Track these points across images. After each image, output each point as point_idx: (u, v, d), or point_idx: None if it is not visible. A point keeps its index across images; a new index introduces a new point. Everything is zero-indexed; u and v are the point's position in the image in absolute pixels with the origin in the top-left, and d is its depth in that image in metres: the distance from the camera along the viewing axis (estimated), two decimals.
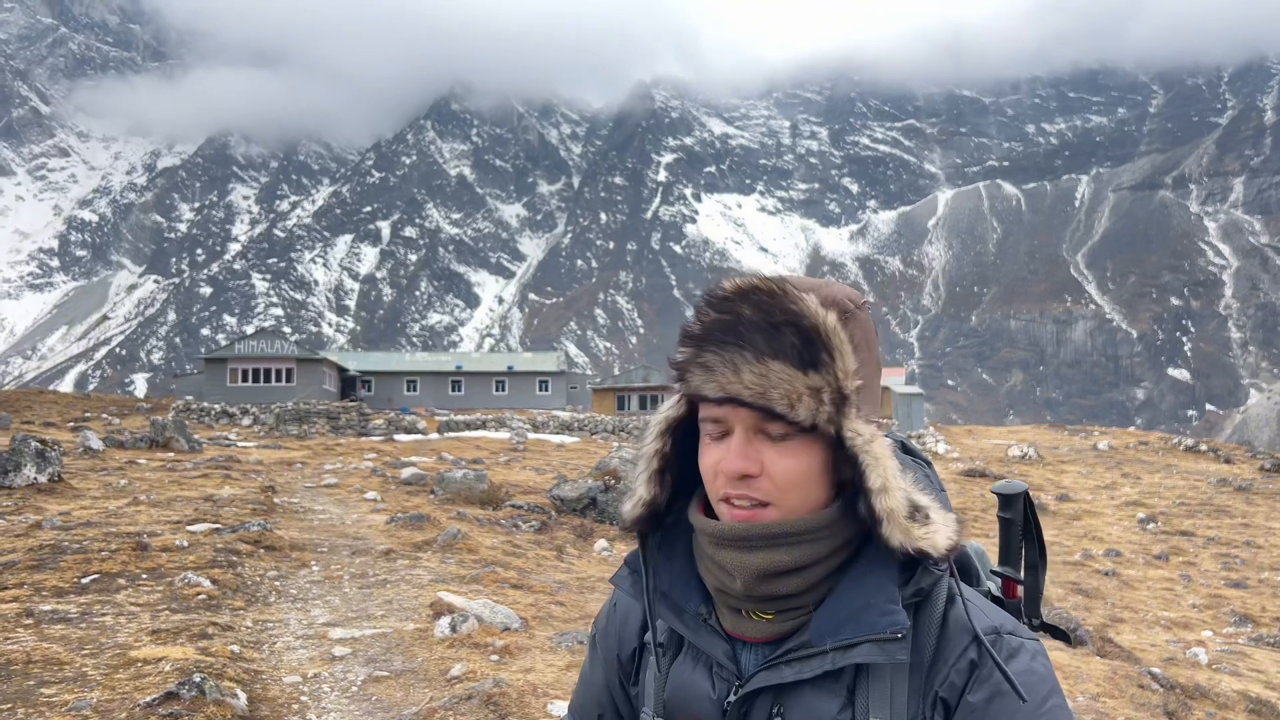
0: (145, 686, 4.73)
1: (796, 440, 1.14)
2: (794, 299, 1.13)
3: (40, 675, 4.86)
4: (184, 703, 4.46)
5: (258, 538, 8.41)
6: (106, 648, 5.36)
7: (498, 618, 6.33)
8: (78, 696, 4.55)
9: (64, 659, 5.11)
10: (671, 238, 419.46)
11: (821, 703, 1.16)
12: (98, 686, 4.73)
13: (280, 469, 17.28)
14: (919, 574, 1.18)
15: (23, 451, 11.63)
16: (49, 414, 35.80)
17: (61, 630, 5.65)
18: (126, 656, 5.18)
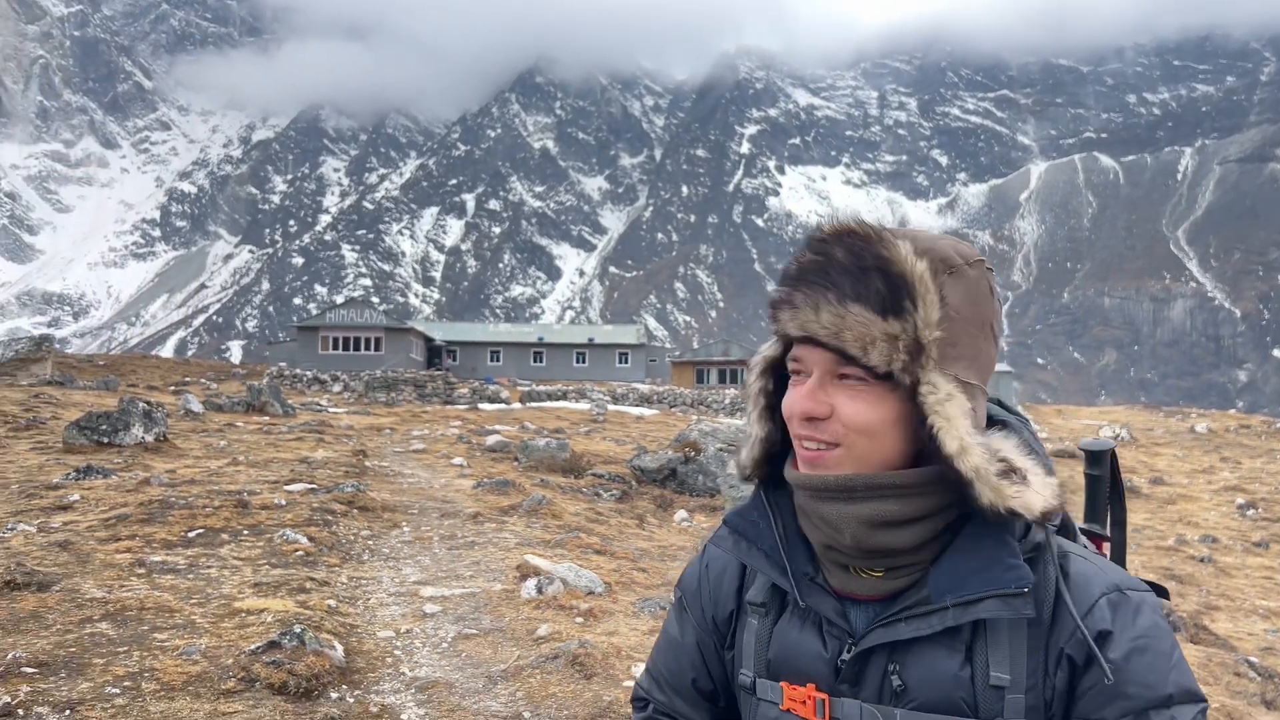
0: (249, 635, 4.95)
1: (870, 386, 1.13)
2: (887, 245, 1.13)
3: (153, 621, 5.12)
4: (285, 651, 4.66)
5: (351, 498, 8.68)
6: (212, 598, 5.62)
7: (582, 581, 6.44)
8: (187, 642, 4.80)
9: (174, 607, 5.37)
10: (753, 211, 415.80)
11: (940, 660, 1.15)
12: (206, 634, 4.98)
13: (370, 434, 17.76)
14: (1032, 532, 1.17)
15: (131, 412, 12.19)
16: (151, 378, 37.41)
17: (171, 580, 5.93)
18: (231, 607, 5.43)
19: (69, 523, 7.35)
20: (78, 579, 5.78)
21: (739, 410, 41.80)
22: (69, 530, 7.06)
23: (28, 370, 24.48)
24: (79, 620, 5.05)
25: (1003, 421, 1.23)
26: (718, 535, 1.34)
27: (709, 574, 1.40)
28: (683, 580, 1.46)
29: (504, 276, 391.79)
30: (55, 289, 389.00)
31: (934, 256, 1.15)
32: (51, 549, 6.45)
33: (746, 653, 1.30)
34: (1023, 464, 1.14)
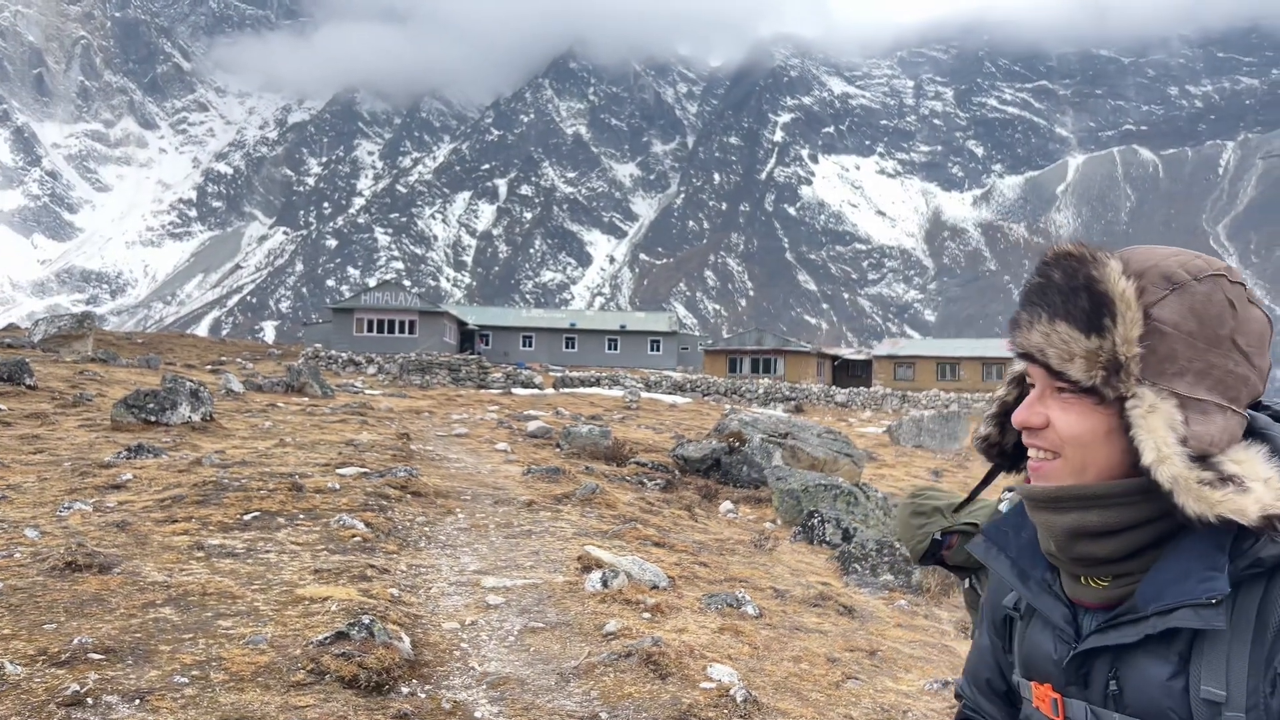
0: (315, 625, 4.82)
1: (1080, 399, 1.19)
2: (1098, 265, 1.18)
3: (216, 608, 5.00)
4: (354, 643, 4.51)
5: (404, 483, 8.56)
6: (274, 584, 5.50)
7: (646, 575, 6.27)
8: (253, 630, 4.67)
9: (236, 593, 5.25)
10: (786, 199, 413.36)
11: (1153, 667, 1.17)
12: (270, 622, 4.84)
13: (410, 417, 17.70)
14: (1259, 544, 1.14)
15: (178, 391, 12.16)
16: (188, 356, 37.67)
17: (230, 565, 5.82)
18: (294, 594, 5.30)
19: (124, 502, 7.27)
20: (138, 561, 5.68)
21: (773, 400, 41.48)
22: (125, 510, 6.98)
23: (70, 347, 24.67)
24: (142, 604, 4.93)
25: (1262, 433, 1.21)
26: (975, 544, 1.43)
27: (993, 580, 1.47)
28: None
29: (535, 262, 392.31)
30: (94, 267, 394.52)
31: (1153, 274, 1.18)
32: (109, 529, 6.36)
33: (1015, 653, 1.39)
34: (1252, 471, 1.13)
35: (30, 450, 9.59)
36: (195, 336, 62.40)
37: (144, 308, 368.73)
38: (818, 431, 17.03)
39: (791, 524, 10.33)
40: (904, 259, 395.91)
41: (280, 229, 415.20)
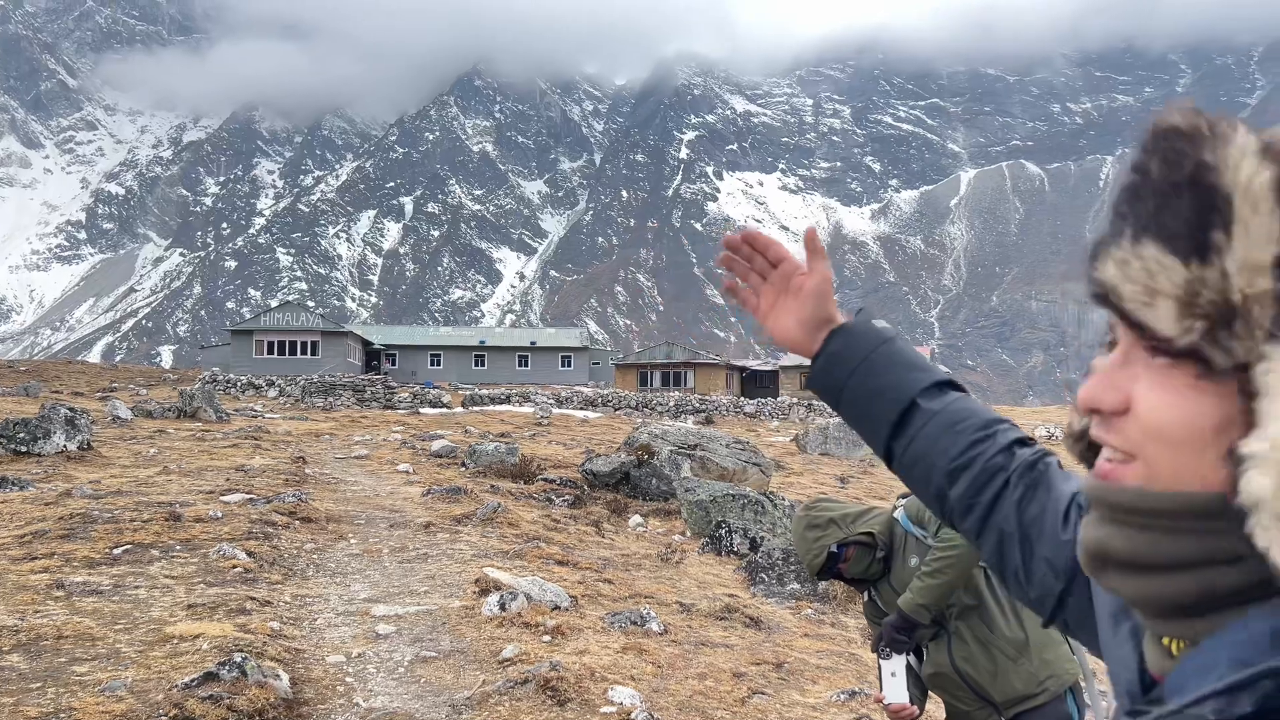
0: (183, 665, 4.45)
1: (1181, 368, 0.71)
2: (1213, 143, 0.70)
3: (72, 651, 4.59)
4: (224, 684, 4.17)
5: (293, 509, 8.14)
6: (141, 623, 5.09)
7: (547, 595, 6.02)
8: (112, 675, 4.28)
9: (97, 634, 4.84)
10: (692, 215, 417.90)
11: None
12: (133, 665, 4.46)
13: (309, 440, 17.08)
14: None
15: (52, 419, 11.43)
16: (77, 384, 35.86)
17: (94, 603, 5.38)
18: (162, 633, 4.91)
19: None
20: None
21: (683, 413, 41.56)
22: None
23: None
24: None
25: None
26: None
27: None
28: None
29: (443, 280, 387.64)
30: None
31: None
32: None
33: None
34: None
35: None
36: (85, 363, 59.56)
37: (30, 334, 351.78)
38: (726, 442, 17.01)
39: (700, 535, 10.20)
40: None
41: (176, 250, 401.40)
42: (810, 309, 1.27)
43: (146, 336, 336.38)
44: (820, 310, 1.27)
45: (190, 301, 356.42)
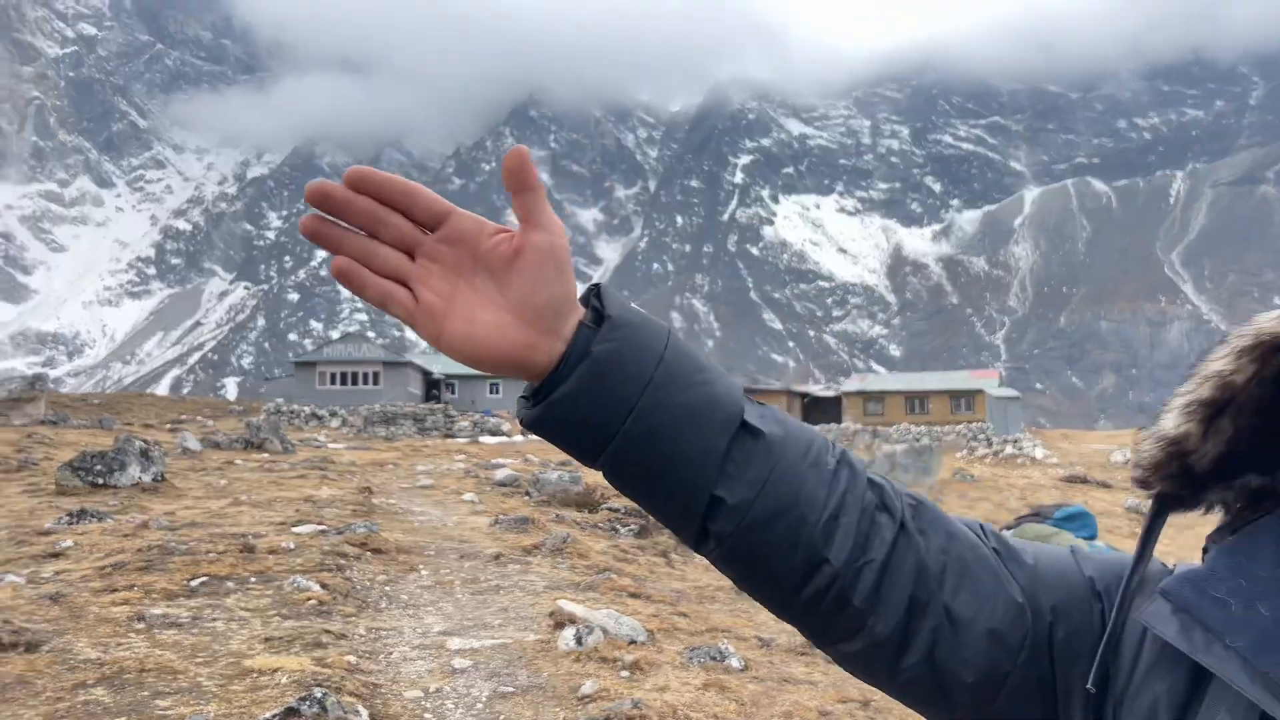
0: (263, 700, 4.41)
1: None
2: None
3: (154, 685, 4.57)
4: (305, 719, 4.12)
5: (364, 540, 8.14)
6: (220, 655, 5.07)
7: (623, 629, 5.90)
8: (194, 710, 4.25)
9: (177, 668, 4.83)
10: (748, 240, 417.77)
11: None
12: (214, 699, 4.43)
13: (373, 470, 17.21)
14: None
15: (128, 451, 11.64)
16: (147, 416, 36.77)
17: (174, 636, 5.39)
18: (241, 666, 4.89)
19: (61, 572, 6.79)
20: (70, 636, 5.23)
21: None
22: (61, 580, 6.51)
23: (21, 410, 23.91)
24: (71, 685, 4.50)
25: None
26: (1153, 611, 0.78)
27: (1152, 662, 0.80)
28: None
29: None
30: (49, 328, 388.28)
31: None
32: (42, 602, 5.89)
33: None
34: None
35: None
36: (154, 396, 61.19)
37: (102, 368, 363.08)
38: None
39: None
40: (867, 295, 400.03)
41: (241, 284, 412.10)
42: (535, 289, 0.77)
43: (212, 369, 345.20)
44: (555, 290, 0.78)
45: (254, 334, 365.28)
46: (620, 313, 0.79)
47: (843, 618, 0.81)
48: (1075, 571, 0.86)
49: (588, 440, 0.79)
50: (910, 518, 0.84)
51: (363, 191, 0.77)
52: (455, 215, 0.79)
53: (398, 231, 0.78)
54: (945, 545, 0.84)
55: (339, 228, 0.78)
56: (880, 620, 0.81)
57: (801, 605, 0.83)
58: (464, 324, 0.78)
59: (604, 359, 0.77)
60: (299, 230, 0.81)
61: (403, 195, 0.77)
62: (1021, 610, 0.82)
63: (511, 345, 0.78)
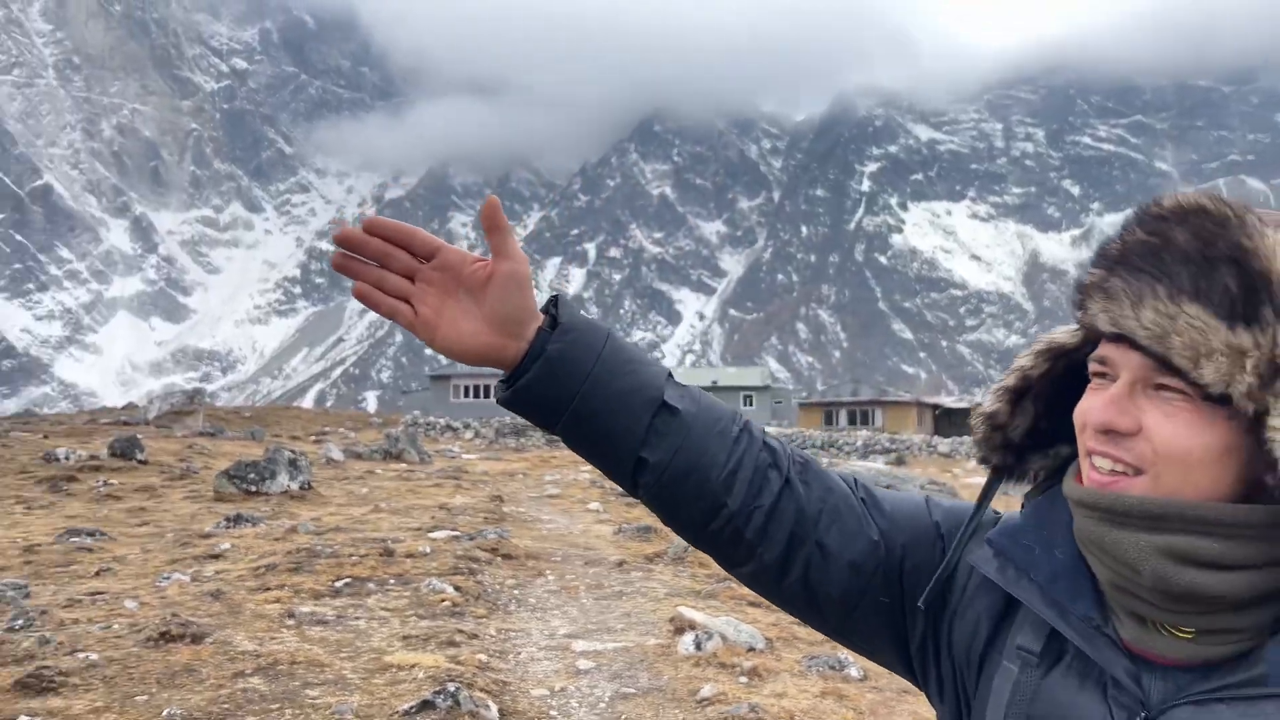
0: (401, 693, 4.71)
1: (1195, 405, 0.89)
2: (1250, 232, 0.87)
3: (304, 677, 4.94)
4: (440, 712, 4.38)
5: (494, 546, 8.49)
6: (362, 651, 5.42)
7: (742, 637, 6.00)
8: (340, 700, 4.58)
9: (324, 661, 5.19)
10: (876, 249, 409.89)
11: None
12: (357, 690, 4.75)
13: (504, 479, 17.75)
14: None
15: (277, 461, 12.41)
16: (294, 428, 38.79)
17: (320, 632, 5.78)
18: (381, 661, 5.21)
19: (220, 571, 7.35)
20: (230, 630, 5.68)
21: (872, 452, 40.51)
22: (220, 579, 7.05)
23: (182, 422, 25.62)
24: (232, 674, 4.90)
25: None
26: (980, 556, 1.07)
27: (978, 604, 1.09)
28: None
29: (625, 322, 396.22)
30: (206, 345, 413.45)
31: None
32: (205, 599, 6.41)
33: (996, 701, 1.03)
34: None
35: (136, 523, 9.85)
36: (300, 409, 64.49)
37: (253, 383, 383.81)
38: (920, 483, 16.48)
39: None
40: (1003, 303, 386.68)
41: None
42: (503, 304, 1.06)
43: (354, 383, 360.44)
44: (517, 304, 1.06)
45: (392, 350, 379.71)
46: (570, 319, 1.07)
47: (738, 548, 1.09)
48: (925, 517, 1.13)
49: (545, 416, 1.07)
50: (796, 474, 1.10)
51: (375, 235, 1.05)
52: (444, 249, 1.06)
53: (401, 263, 1.05)
54: (823, 495, 1.10)
55: (358, 261, 1.05)
56: (767, 551, 1.08)
57: (708, 538, 1.11)
58: (451, 330, 1.06)
59: (554, 357, 1.04)
60: (331, 263, 1.09)
61: (405, 236, 1.05)
62: (876, 546, 1.09)
63: (486, 346, 1.05)
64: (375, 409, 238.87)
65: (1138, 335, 0.89)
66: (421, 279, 1.06)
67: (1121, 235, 0.95)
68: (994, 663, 1.05)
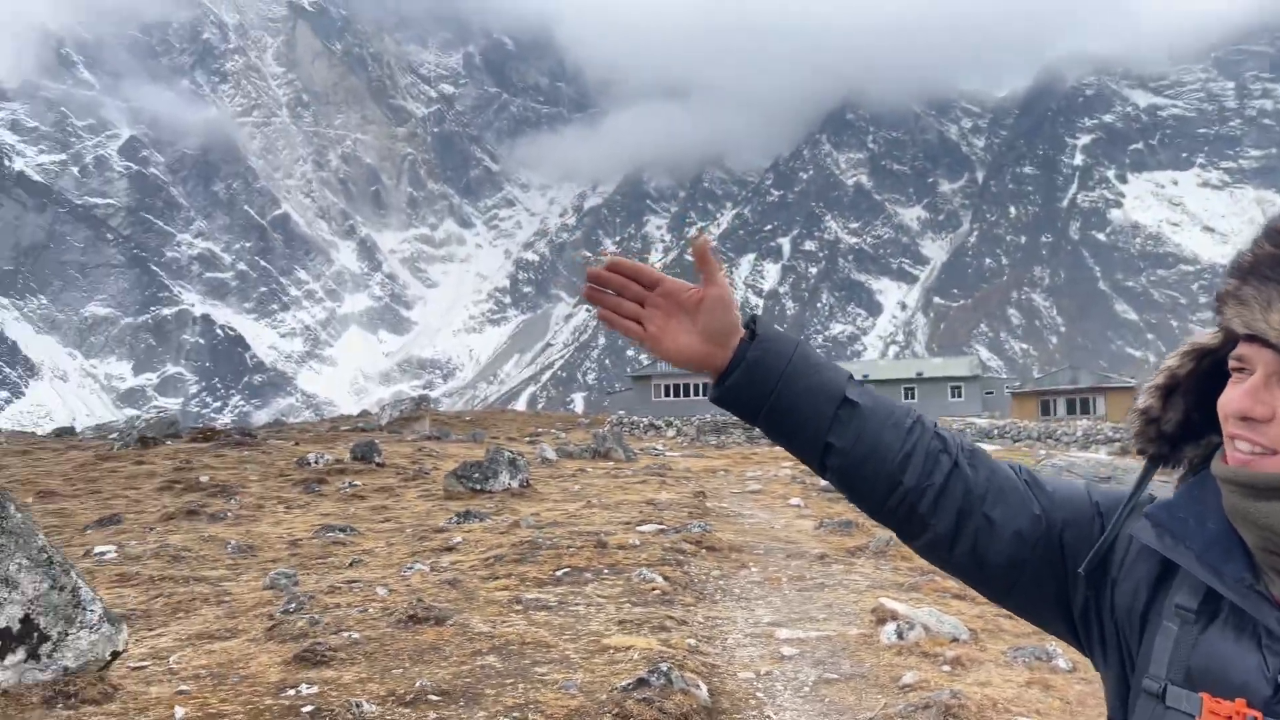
0: (619, 672, 5.14)
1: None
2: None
3: (533, 656, 5.47)
4: (654, 689, 4.77)
5: (699, 539, 8.87)
6: (582, 634, 5.92)
7: (944, 628, 6.08)
8: (564, 677, 5.06)
9: (549, 642, 5.72)
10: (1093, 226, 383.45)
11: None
12: (579, 669, 5.23)
13: (706, 476, 18.18)
14: None
15: (498, 461, 13.35)
16: (509, 430, 40.91)
17: (544, 617, 6.33)
18: (600, 643, 5.68)
19: (455, 562, 8.12)
20: (466, 614, 6.33)
21: (1093, 442, 38.21)
22: (455, 569, 7.79)
23: (410, 427, 27.69)
24: (470, 653, 5.51)
25: None
26: (1139, 527, 1.21)
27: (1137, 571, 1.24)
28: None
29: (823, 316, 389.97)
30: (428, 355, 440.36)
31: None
32: (443, 586, 7.13)
33: (1159, 656, 1.16)
34: None
35: (380, 519, 10.93)
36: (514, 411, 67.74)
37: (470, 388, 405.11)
38: None
39: None
40: None
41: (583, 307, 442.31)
42: (713, 321, 1.30)
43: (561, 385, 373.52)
44: (724, 321, 1.30)
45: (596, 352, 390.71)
46: (765, 332, 1.31)
47: (913, 521, 1.28)
48: (1084, 497, 1.30)
49: (748, 410, 1.30)
50: (964, 459, 1.29)
51: (614, 271, 1.35)
52: (666, 280, 1.34)
53: (634, 291, 1.35)
54: (989, 476, 1.28)
55: (603, 292, 1.36)
56: (940, 522, 1.26)
57: (887, 512, 1.29)
58: (672, 343, 1.32)
59: (753, 362, 1.28)
60: (583, 293, 1.43)
61: (636, 271, 1.35)
62: (1038, 520, 1.26)
63: (700, 355, 1.31)
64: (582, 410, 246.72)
65: (1269, 336, 1.05)
66: (649, 303, 1.33)
67: (1252, 249, 1.12)
68: (1154, 624, 1.18)
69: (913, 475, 1.26)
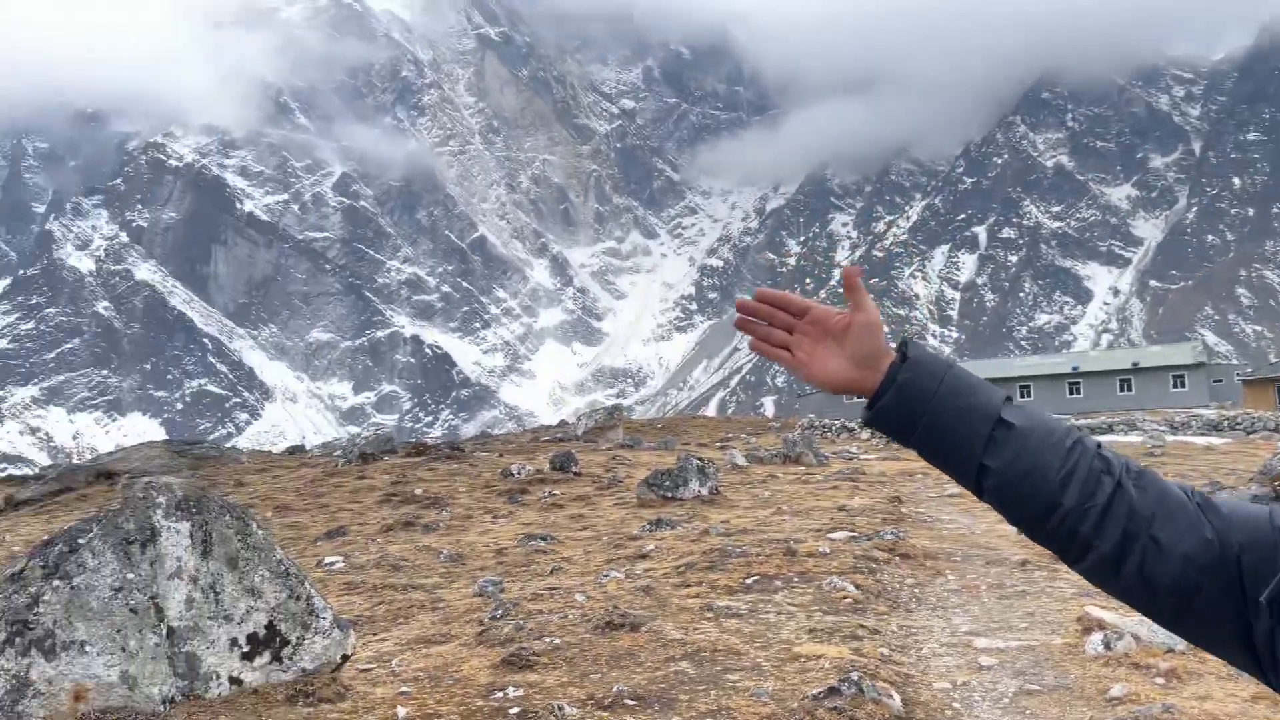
0: (809, 680, 5.18)
1: None
2: None
3: (724, 662, 5.60)
4: (845, 698, 4.79)
5: (892, 546, 8.73)
6: (773, 642, 5.99)
7: (1158, 637, 5.74)
8: (755, 684, 5.16)
9: (740, 650, 5.82)
10: None
11: None
12: (770, 676, 5.31)
13: (903, 479, 17.74)
14: None
15: (688, 469, 13.58)
16: (700, 435, 41.23)
17: (735, 624, 6.44)
18: (790, 651, 5.74)
19: (648, 569, 8.36)
20: (659, 621, 6.53)
21: None
22: (649, 576, 8.03)
23: (604, 436, 28.47)
24: (664, 659, 5.69)
25: None
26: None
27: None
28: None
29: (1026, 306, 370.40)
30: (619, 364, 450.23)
31: None
32: (637, 594, 7.37)
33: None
34: None
35: (577, 528, 11.37)
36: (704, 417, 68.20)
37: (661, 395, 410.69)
38: None
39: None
40: None
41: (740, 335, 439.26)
42: (861, 346, 1.33)
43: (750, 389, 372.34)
44: (872, 345, 1.33)
45: None
46: (916, 355, 1.32)
47: (1074, 542, 1.25)
48: (1265, 520, 1.22)
49: (900, 432, 1.31)
50: (1129, 480, 1.25)
51: (764, 302, 1.40)
52: (813, 308, 1.38)
53: (783, 320, 1.39)
54: (1157, 497, 1.24)
55: (753, 322, 1.42)
56: (1103, 543, 1.23)
57: (1046, 534, 1.27)
58: (820, 369, 1.35)
59: (904, 384, 1.29)
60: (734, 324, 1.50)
61: (784, 301, 1.39)
62: (1210, 542, 1.20)
63: (849, 379, 1.34)
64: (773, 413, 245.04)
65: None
66: (798, 330, 1.37)
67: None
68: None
69: (1073, 496, 1.23)
